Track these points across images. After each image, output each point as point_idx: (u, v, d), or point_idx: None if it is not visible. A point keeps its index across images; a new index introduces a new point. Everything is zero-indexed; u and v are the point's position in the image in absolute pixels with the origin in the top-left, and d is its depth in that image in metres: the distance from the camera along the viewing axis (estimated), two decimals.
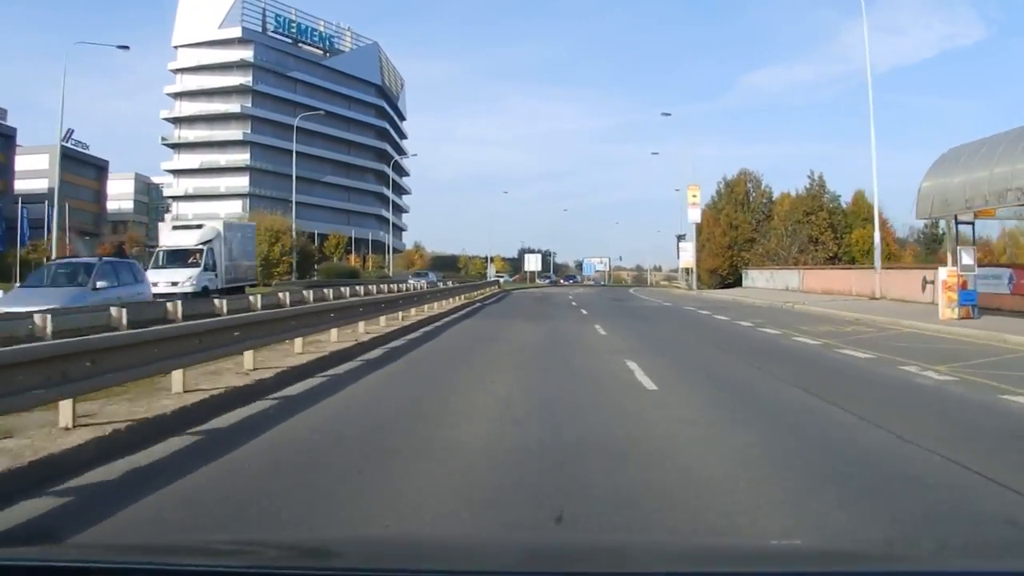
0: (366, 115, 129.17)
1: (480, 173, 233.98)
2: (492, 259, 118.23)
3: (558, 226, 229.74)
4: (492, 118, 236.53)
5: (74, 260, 24.85)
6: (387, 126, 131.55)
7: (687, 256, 68.72)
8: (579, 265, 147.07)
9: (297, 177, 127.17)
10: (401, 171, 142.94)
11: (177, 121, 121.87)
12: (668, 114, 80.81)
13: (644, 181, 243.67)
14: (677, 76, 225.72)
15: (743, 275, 62.22)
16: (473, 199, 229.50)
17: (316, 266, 75.37)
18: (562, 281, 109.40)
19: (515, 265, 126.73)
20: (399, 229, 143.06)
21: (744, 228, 67.41)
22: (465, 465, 6.76)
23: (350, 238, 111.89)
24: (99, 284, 19.43)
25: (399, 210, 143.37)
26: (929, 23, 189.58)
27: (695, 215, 60.75)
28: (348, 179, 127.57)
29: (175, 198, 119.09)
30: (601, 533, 4.85)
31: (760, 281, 57.85)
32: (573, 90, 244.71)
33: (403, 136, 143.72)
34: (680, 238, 74.68)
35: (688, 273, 70.20)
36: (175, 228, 38.73)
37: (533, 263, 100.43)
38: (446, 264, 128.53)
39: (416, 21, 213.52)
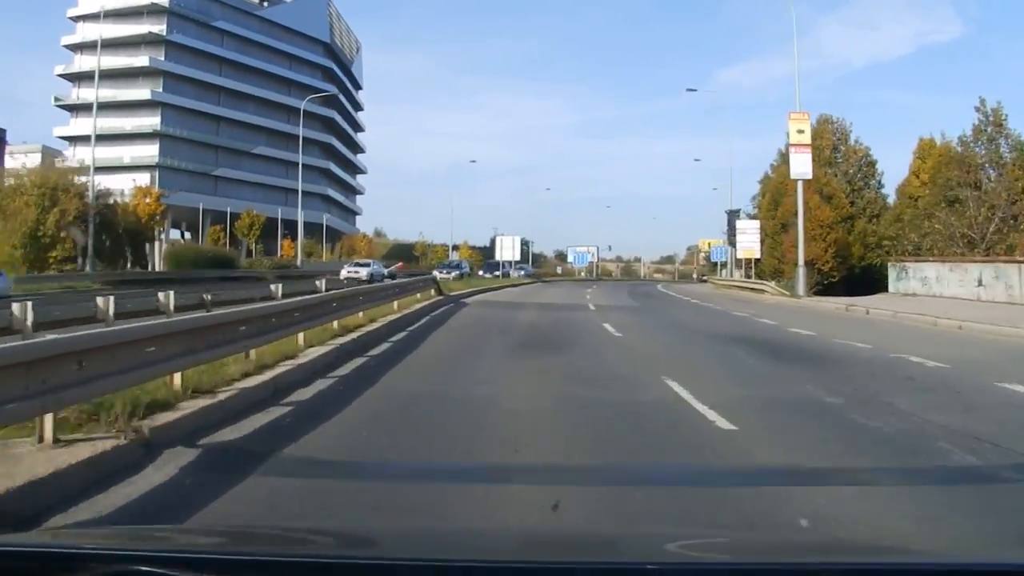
0: (311, 77, 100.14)
1: (454, 166, 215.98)
2: (458, 246, 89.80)
3: (535, 218, 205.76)
4: (466, 113, 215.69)
5: None
6: (336, 91, 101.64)
7: (748, 241, 40.55)
8: (561, 255, 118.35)
9: (221, 147, 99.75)
10: (355, 147, 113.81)
11: (76, 78, 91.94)
12: (693, 89, 56.55)
13: (623, 176, 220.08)
14: (652, 71, 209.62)
15: (893, 271, 33.49)
16: (446, 190, 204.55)
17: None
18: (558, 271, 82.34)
19: (486, 253, 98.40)
20: (351, 212, 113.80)
21: (839, 199, 38.98)
22: None
23: (278, 219, 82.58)
24: None
25: (352, 191, 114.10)
26: (905, 19, 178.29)
27: (802, 164, 32.26)
28: (287, 151, 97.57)
29: (70, 171, 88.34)
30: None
31: (950, 284, 29.54)
32: (547, 85, 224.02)
33: (358, 107, 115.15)
34: (733, 215, 46.48)
35: (750, 266, 42.23)
36: None
37: (508, 249, 62.61)
38: (405, 252, 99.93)
39: (389, 15, 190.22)
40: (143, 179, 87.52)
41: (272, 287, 17.66)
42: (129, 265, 37.51)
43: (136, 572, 1.75)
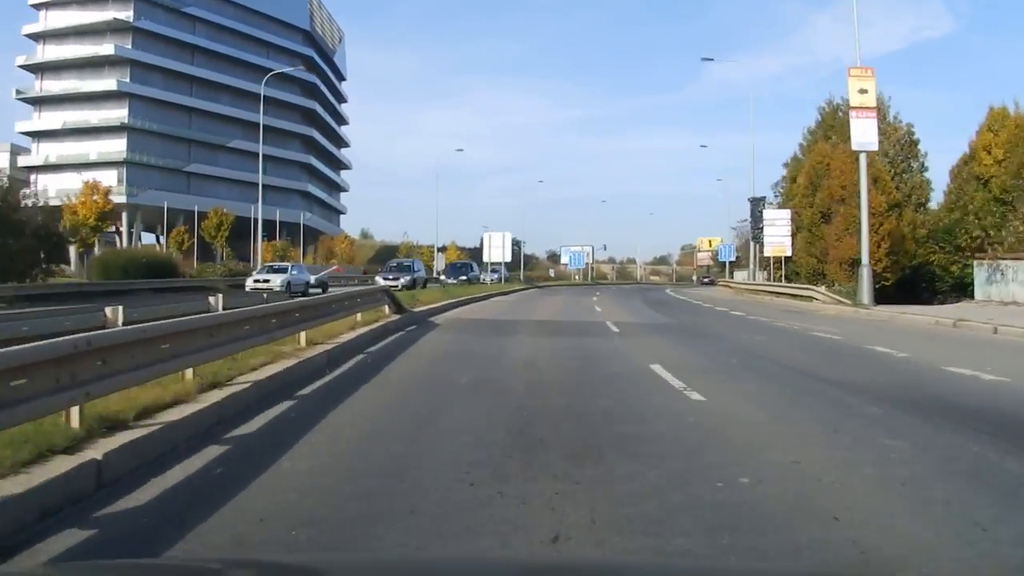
0: (290, 66, 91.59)
1: (443, 164, 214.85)
2: (444, 248, 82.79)
3: (526, 218, 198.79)
4: (456, 111, 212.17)
5: None
6: (317, 82, 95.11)
7: (777, 236, 33.57)
8: (554, 257, 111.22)
9: (194, 141, 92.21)
10: (339, 141, 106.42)
11: (39, 69, 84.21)
12: (710, 59, 50.42)
13: (615, 174, 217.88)
14: (643, 67, 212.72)
15: (980, 272, 26.54)
16: (436, 190, 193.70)
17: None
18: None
19: (476, 255, 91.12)
20: (335, 211, 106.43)
21: (884, 182, 31.93)
22: None
23: (257, 219, 75.09)
24: None
25: (336, 188, 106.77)
26: (897, 15, 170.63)
27: (866, 132, 25.17)
28: (264, 145, 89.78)
29: (33, 169, 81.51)
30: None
31: None
32: (538, 83, 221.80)
33: (342, 99, 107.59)
34: (757, 204, 39.47)
35: (778, 266, 35.23)
36: None
37: (497, 248, 51.30)
38: (390, 255, 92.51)
39: (377, 15, 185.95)
40: (110, 176, 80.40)
41: (212, 299, 11.01)
42: (43, 276, 30.16)
43: None
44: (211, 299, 14.21)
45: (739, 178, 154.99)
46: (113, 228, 70.62)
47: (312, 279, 35.58)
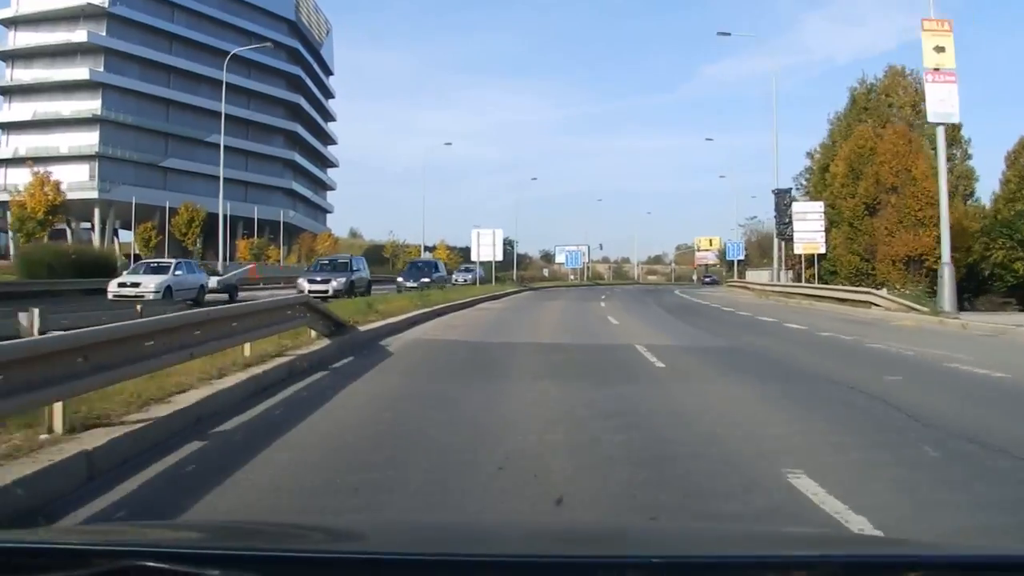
0: (274, 58, 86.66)
1: (437, 165, 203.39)
2: (433, 247, 77.49)
3: (519, 217, 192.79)
4: (449, 110, 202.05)
5: None
6: (302, 75, 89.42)
7: (808, 231, 28.40)
8: (547, 256, 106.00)
9: (171, 135, 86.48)
10: (326, 137, 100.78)
11: (10, 57, 78.53)
12: (727, 33, 43.71)
13: (608, 173, 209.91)
14: (637, 67, 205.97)
15: None
16: (429, 189, 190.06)
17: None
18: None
19: (466, 254, 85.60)
20: (321, 210, 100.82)
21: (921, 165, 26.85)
22: None
23: (228, 216, 69.58)
24: None
25: (322, 186, 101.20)
26: (889, 13, 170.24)
27: (945, 100, 19.76)
28: (246, 140, 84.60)
29: (3, 163, 75.83)
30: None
31: None
32: (532, 82, 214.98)
33: (329, 94, 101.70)
34: (782, 196, 34.26)
35: (808, 265, 30.18)
36: None
37: (487, 247, 40.79)
38: (377, 254, 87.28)
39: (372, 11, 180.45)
40: (81, 171, 74.86)
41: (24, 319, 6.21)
42: None
43: (140, 568, 1.67)
44: (22, 318, 8.85)
45: (738, 176, 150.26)
46: (68, 223, 64.70)
47: (213, 281, 27.13)
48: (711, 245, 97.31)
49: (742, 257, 64.01)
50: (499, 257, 38.51)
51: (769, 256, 60.84)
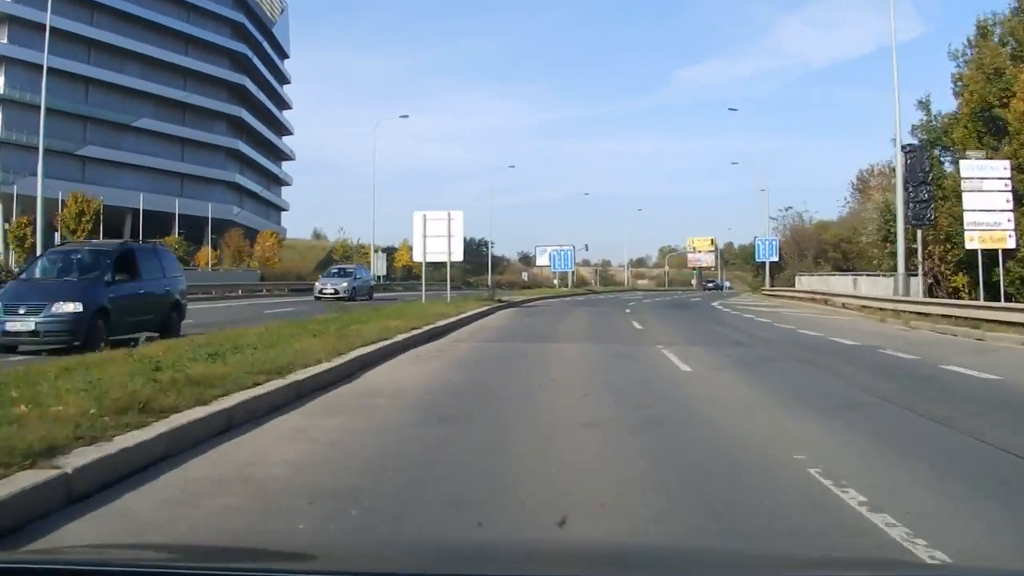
0: (216, 33, 73.61)
1: (414, 167, 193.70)
2: (393, 249, 65.53)
3: (497, 219, 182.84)
4: (430, 115, 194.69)
5: None
6: (249, 53, 76.69)
7: (985, 213, 16.15)
8: (527, 259, 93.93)
9: (91, 119, 73.14)
10: (279, 127, 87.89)
11: None
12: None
13: (589, 176, 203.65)
14: (614, 71, 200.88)
15: None
16: (405, 193, 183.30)
17: None
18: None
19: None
20: (274, 208, 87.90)
21: None
22: None
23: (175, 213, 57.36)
24: None
25: (275, 180, 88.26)
26: (867, 18, 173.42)
27: None
28: (183, 127, 71.40)
29: None
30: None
31: None
32: (509, 87, 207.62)
33: (283, 79, 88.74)
34: (919, 155, 21.99)
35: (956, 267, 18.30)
36: None
37: (438, 239, 21.03)
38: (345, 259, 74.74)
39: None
40: None
41: None
42: None
43: None
44: None
45: (717, 180, 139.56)
46: None
47: None
48: (712, 245, 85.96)
49: (776, 258, 52.04)
50: (458, 255, 20.81)
51: (810, 259, 49.02)
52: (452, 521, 4.07)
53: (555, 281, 62.04)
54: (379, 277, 59.97)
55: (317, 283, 36.10)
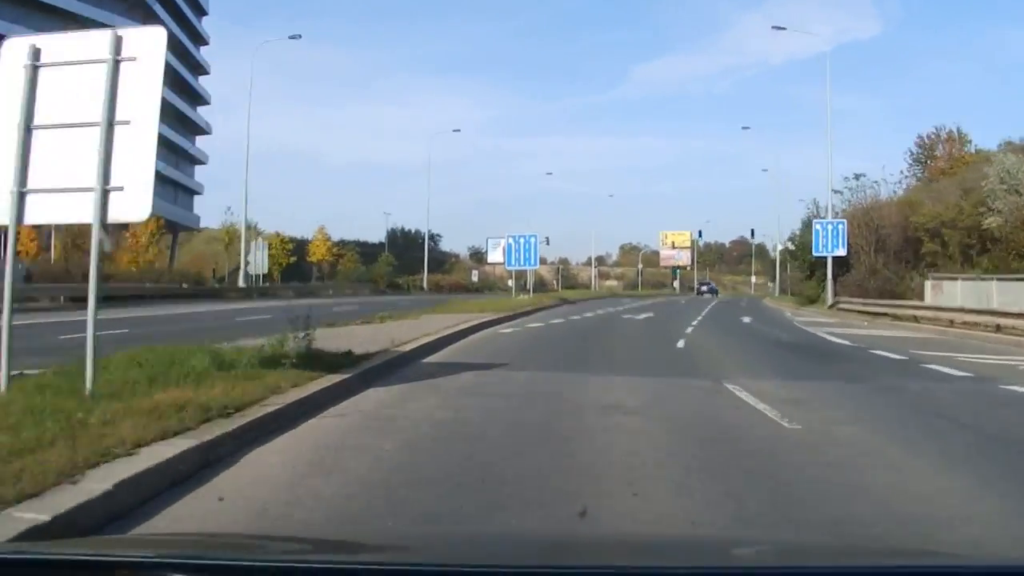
0: None
1: (365, 162, 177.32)
2: (257, 236, 51.02)
3: (447, 216, 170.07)
4: (384, 108, 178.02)
5: None
6: None
7: None
8: (478, 255, 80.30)
9: None
10: (192, 96, 72.67)
11: None
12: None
13: (542, 175, 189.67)
14: (569, 67, 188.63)
15: None
16: (364, 187, 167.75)
17: None
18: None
19: (371, 252, 58.61)
20: (184, 190, 72.79)
21: None
22: None
23: None
24: None
25: (187, 158, 73.21)
26: (826, 16, 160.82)
27: None
28: None
29: None
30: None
31: None
32: (457, 82, 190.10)
33: (200, 40, 73.58)
34: None
35: None
36: None
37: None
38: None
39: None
40: None
41: None
42: None
43: None
44: None
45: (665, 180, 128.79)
46: None
47: None
48: (687, 242, 73.10)
49: (843, 251, 34.16)
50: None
51: (891, 253, 34.64)
52: None
53: (510, 282, 46.74)
54: (258, 276, 45.48)
55: None
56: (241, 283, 45.18)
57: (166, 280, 41.53)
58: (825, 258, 34.91)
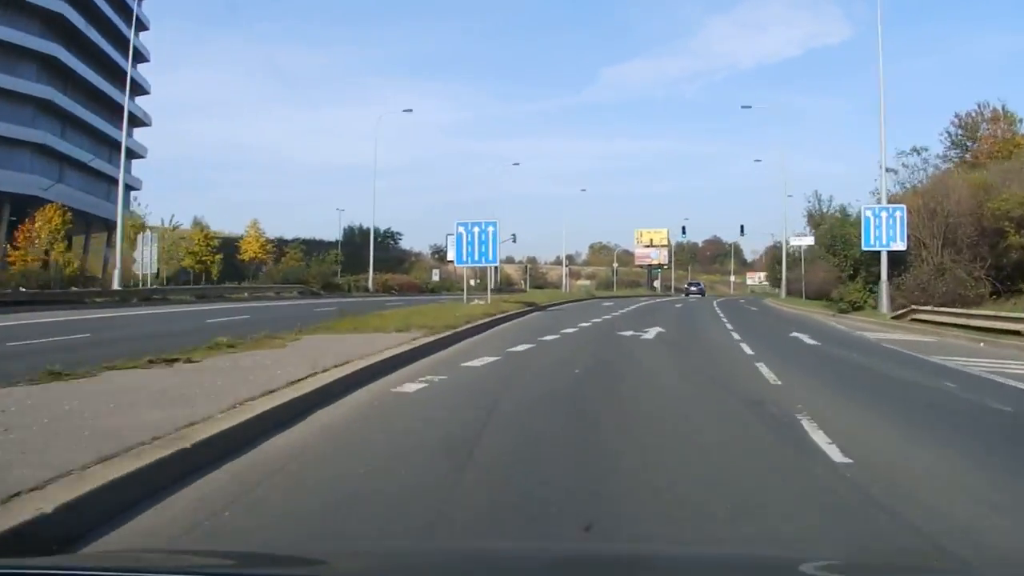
0: None
1: (342, 165, 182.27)
2: (143, 228, 46.47)
3: (414, 215, 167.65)
4: (353, 109, 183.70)
5: None
6: None
7: None
8: (439, 253, 75.28)
9: None
10: (135, 87, 65.99)
11: None
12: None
13: (511, 175, 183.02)
14: (539, 69, 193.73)
15: None
16: (338, 190, 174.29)
17: None
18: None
19: (323, 250, 52.96)
20: (118, 185, 65.77)
21: None
22: None
23: None
24: None
25: (120, 151, 66.10)
26: (795, 20, 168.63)
27: None
28: None
29: None
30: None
31: None
32: (423, 84, 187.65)
33: (140, 26, 67.03)
34: None
35: None
36: None
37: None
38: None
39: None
40: None
41: None
42: None
43: None
44: None
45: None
46: None
47: None
48: (664, 240, 68.74)
49: (902, 245, 28.12)
50: None
51: (964, 247, 27.77)
52: None
53: (472, 282, 40.51)
54: (146, 277, 39.70)
55: None
56: (116, 285, 38.37)
57: (58, 284, 35.91)
58: (877, 254, 28.62)
